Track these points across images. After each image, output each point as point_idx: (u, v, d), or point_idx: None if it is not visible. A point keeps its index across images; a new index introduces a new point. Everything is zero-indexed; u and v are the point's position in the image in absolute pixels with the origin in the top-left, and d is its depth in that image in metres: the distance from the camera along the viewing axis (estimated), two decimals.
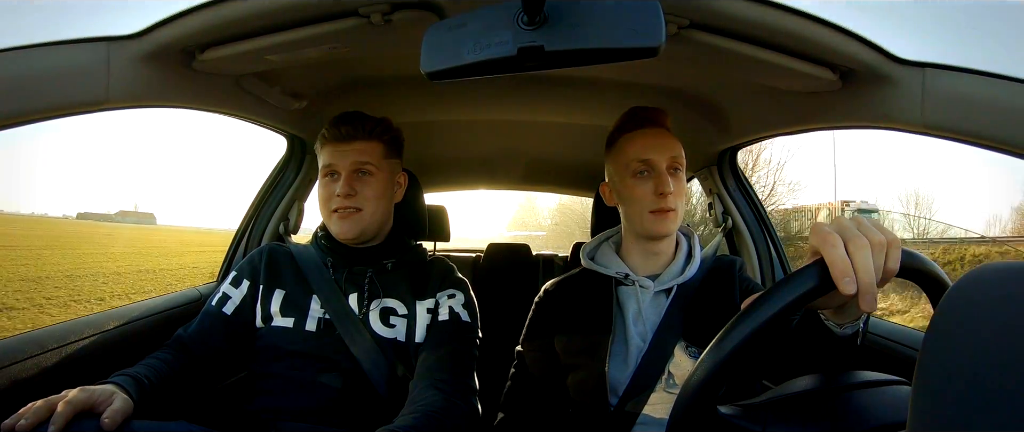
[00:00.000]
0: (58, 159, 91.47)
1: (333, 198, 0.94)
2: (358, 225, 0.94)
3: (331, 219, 0.95)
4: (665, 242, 0.93)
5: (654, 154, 0.89)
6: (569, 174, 2.01)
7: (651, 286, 0.91)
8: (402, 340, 0.91)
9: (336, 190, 0.93)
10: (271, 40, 0.73)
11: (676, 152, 0.90)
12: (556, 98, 1.26)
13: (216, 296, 0.95)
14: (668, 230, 0.90)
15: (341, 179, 0.93)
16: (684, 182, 0.92)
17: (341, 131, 0.95)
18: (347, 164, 0.94)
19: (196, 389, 0.89)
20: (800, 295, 0.44)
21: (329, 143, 0.96)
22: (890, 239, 0.46)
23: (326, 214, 0.97)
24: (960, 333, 0.31)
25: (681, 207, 0.90)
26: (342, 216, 0.94)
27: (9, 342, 0.78)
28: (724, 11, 0.66)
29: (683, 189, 0.91)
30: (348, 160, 0.94)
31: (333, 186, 0.94)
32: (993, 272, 0.32)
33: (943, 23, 14.19)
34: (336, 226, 0.95)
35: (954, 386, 0.29)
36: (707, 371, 0.45)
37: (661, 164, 0.88)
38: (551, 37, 0.51)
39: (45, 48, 0.65)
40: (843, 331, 0.58)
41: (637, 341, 0.87)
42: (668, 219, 0.89)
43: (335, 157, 0.95)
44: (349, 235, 0.94)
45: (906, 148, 44.00)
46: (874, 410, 0.48)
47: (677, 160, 0.90)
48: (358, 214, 0.94)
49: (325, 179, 0.96)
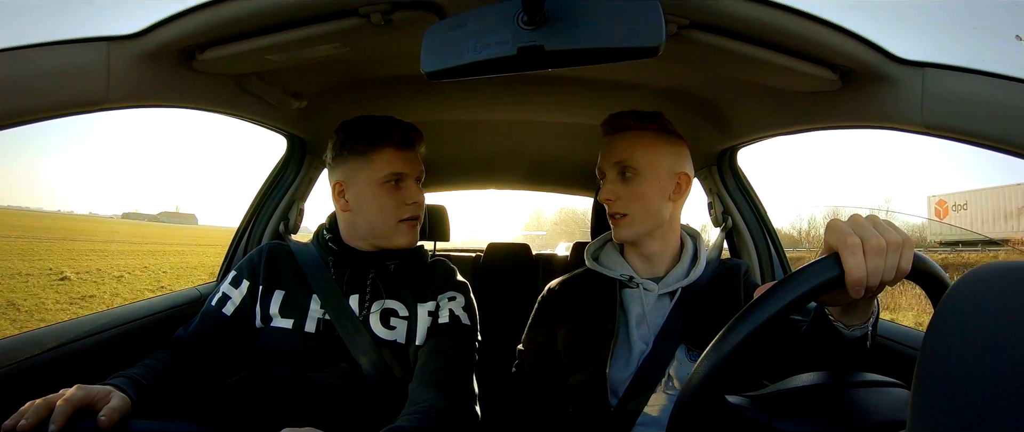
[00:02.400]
0: (106, 160, 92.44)
1: (402, 207, 0.92)
2: (417, 234, 0.96)
3: (397, 229, 0.93)
4: (653, 245, 0.92)
5: (603, 162, 0.91)
6: (569, 174, 2.01)
7: (655, 289, 0.90)
8: (402, 342, 0.91)
9: (406, 199, 0.92)
10: (271, 40, 0.73)
11: (623, 155, 0.89)
12: (556, 98, 1.26)
13: (216, 296, 0.94)
14: (619, 236, 0.91)
15: (411, 187, 0.93)
16: (642, 184, 0.88)
17: (411, 136, 0.94)
18: (416, 172, 0.93)
19: (195, 389, 0.89)
20: (815, 286, 0.45)
21: (394, 147, 0.92)
22: (904, 239, 0.46)
23: (390, 223, 0.93)
24: (960, 333, 0.31)
25: (640, 209, 0.88)
26: (411, 226, 0.94)
27: (9, 342, 0.78)
28: (724, 11, 0.66)
29: (639, 192, 0.88)
30: (417, 168, 0.94)
31: (399, 194, 0.92)
32: (993, 273, 0.32)
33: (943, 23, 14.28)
34: (403, 237, 0.94)
35: (954, 386, 0.29)
36: (720, 356, 0.45)
37: (609, 170, 0.90)
38: (551, 37, 0.51)
39: (45, 48, 0.65)
40: (852, 333, 0.58)
41: (639, 344, 0.87)
42: (618, 225, 0.90)
43: (406, 164, 0.93)
44: (412, 243, 0.95)
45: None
46: (877, 408, 0.48)
47: (627, 162, 0.88)
48: (418, 224, 0.95)
49: (388, 186, 0.92)
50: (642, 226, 0.89)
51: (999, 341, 0.29)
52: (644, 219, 0.89)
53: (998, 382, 0.28)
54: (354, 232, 0.96)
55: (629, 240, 0.91)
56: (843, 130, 0.90)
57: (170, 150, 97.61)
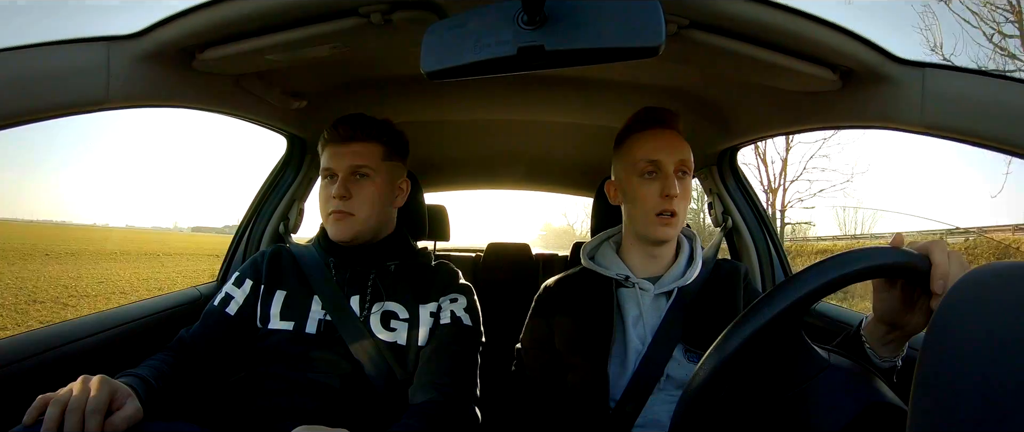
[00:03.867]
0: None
1: (330, 200, 0.93)
2: (351, 229, 0.93)
3: (327, 221, 0.95)
4: (666, 245, 0.93)
5: (662, 156, 0.88)
6: (570, 174, 2.01)
7: (651, 289, 0.90)
8: (403, 344, 0.90)
9: (332, 192, 0.92)
10: (271, 40, 0.73)
11: (685, 155, 0.89)
12: (556, 98, 1.26)
13: (219, 297, 0.94)
14: (668, 236, 0.89)
15: (338, 181, 0.93)
16: (690, 187, 0.92)
17: (339, 132, 0.94)
18: (344, 166, 0.93)
19: (198, 390, 0.89)
20: (902, 264, 0.48)
21: (328, 145, 0.95)
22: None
23: (323, 216, 0.96)
24: (960, 333, 0.31)
25: (684, 212, 0.90)
26: (336, 219, 0.93)
27: (9, 342, 0.78)
28: (724, 11, 0.66)
29: (689, 194, 0.91)
30: (345, 162, 0.93)
31: (330, 188, 0.93)
32: (992, 273, 0.32)
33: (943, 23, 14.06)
34: (331, 228, 0.94)
35: (954, 386, 0.29)
36: (794, 296, 0.47)
37: (669, 166, 0.87)
38: (551, 37, 0.51)
39: (45, 48, 0.65)
40: (883, 363, 0.59)
41: (636, 344, 0.87)
42: (670, 224, 0.88)
43: (333, 159, 0.94)
44: (342, 237, 0.94)
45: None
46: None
47: (685, 163, 0.89)
48: (350, 218, 0.93)
49: (324, 181, 0.96)
50: (682, 225, 0.91)
51: (999, 341, 0.29)
52: (684, 218, 0.91)
53: (998, 382, 0.28)
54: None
55: (672, 239, 0.92)
56: (843, 130, 0.91)
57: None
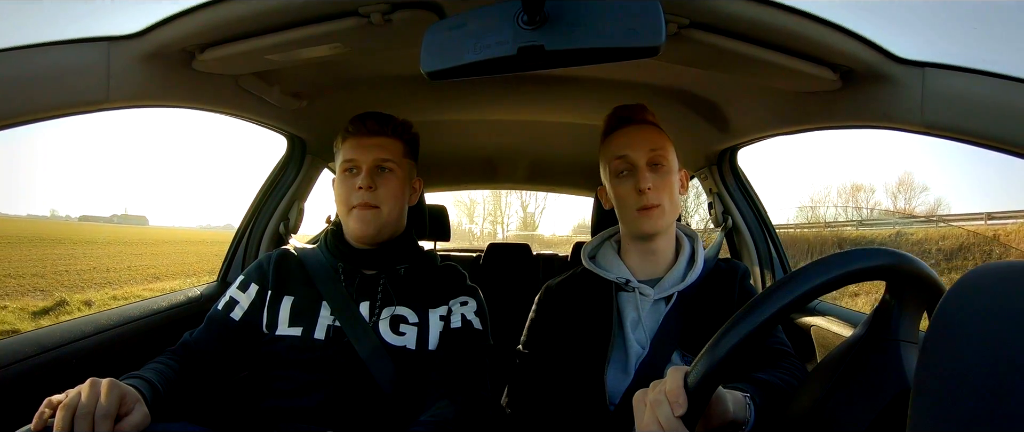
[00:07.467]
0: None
1: (354, 193, 0.91)
2: (376, 223, 0.91)
3: (350, 216, 0.93)
4: (661, 241, 0.92)
5: (630, 151, 0.88)
6: (569, 174, 2.01)
7: (651, 294, 0.89)
8: (412, 348, 0.89)
9: (357, 183, 0.91)
10: (271, 40, 0.73)
11: (656, 144, 0.88)
12: (556, 97, 1.26)
13: (223, 301, 0.93)
14: (654, 228, 0.88)
15: (362, 173, 0.91)
16: (670, 175, 0.89)
17: (366, 125, 0.93)
18: (370, 159, 0.92)
19: (202, 394, 0.89)
20: (856, 270, 0.47)
21: (352, 137, 0.93)
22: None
23: (344, 212, 0.94)
24: (960, 333, 0.31)
25: (668, 202, 0.88)
26: (361, 211, 0.91)
27: (9, 342, 0.78)
28: (724, 11, 0.66)
29: (668, 183, 0.88)
30: (371, 155, 0.92)
31: (353, 180, 0.92)
32: (992, 273, 0.32)
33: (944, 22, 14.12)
34: (355, 223, 0.92)
35: (954, 386, 0.29)
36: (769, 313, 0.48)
37: (639, 160, 0.87)
38: (551, 36, 0.51)
39: (45, 48, 0.65)
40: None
41: (636, 348, 0.86)
42: (652, 216, 0.87)
43: (358, 151, 0.92)
44: (367, 232, 0.92)
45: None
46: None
47: (659, 154, 0.87)
48: (376, 212, 0.91)
49: (344, 174, 0.94)
50: (670, 217, 0.90)
51: (999, 341, 0.29)
52: (671, 211, 0.89)
53: (998, 382, 0.28)
54: (345, 229, 0.97)
55: (659, 231, 0.90)
56: (844, 130, 0.91)
57: (120, 154, 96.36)
